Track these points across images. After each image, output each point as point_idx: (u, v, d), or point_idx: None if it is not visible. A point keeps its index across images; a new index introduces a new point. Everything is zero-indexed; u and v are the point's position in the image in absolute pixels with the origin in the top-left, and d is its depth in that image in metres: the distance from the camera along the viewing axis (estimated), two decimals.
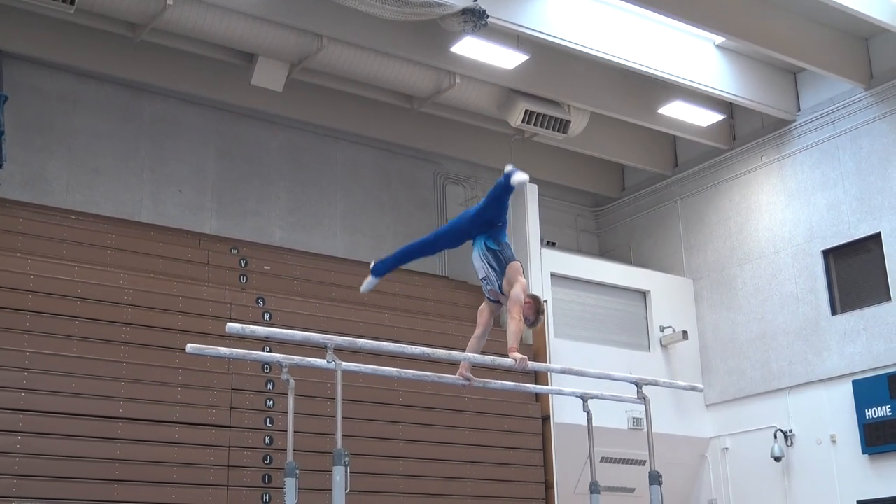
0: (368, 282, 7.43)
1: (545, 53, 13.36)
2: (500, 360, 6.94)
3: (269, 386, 11.12)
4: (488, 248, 6.97)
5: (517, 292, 6.76)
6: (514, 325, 6.70)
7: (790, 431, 14.10)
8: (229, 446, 10.65)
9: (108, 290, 10.64)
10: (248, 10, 11.68)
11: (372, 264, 7.46)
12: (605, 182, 17.14)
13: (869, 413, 13.10)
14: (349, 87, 13.42)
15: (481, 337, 7.11)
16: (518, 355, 6.69)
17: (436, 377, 7.35)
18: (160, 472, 10.12)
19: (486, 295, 7.10)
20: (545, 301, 13.86)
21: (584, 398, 7.69)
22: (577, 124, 14.25)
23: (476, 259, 7.03)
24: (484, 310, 7.13)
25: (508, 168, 7.20)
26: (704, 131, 15.11)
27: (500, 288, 6.90)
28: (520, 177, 7.05)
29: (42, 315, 10.13)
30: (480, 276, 7.07)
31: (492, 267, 6.94)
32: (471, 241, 7.18)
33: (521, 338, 13.69)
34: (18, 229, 10.92)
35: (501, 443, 12.73)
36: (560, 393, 8.51)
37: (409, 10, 11.12)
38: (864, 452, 13.15)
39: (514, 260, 6.96)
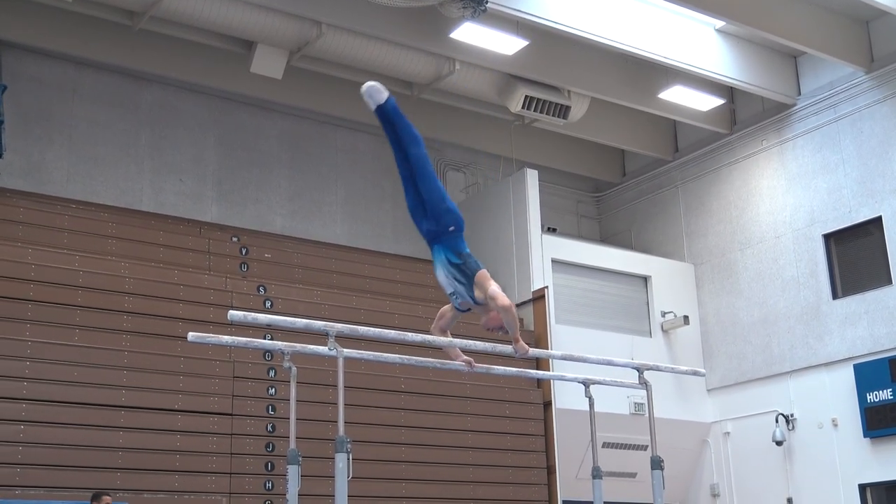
0: (377, 90, 6.77)
1: (545, 39, 13.33)
2: (500, 346, 6.92)
3: (271, 373, 11.14)
4: (451, 263, 6.30)
5: (494, 290, 6.19)
6: (509, 315, 6.18)
7: (792, 415, 14.12)
8: (232, 434, 10.67)
9: (109, 278, 10.65)
10: None
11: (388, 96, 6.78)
12: (605, 167, 17.12)
13: (870, 397, 13.11)
14: (348, 74, 13.38)
15: (443, 333, 6.66)
16: (523, 346, 6.49)
17: (437, 363, 7.33)
18: (163, 460, 10.15)
19: (457, 307, 6.50)
20: (543, 292, 13.84)
21: (585, 384, 7.68)
22: (578, 110, 14.23)
23: (440, 276, 6.37)
24: (446, 312, 6.61)
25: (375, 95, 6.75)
26: (705, 116, 15.09)
27: (473, 298, 6.28)
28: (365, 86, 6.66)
29: (43, 304, 10.14)
30: (448, 292, 6.43)
31: (459, 281, 6.29)
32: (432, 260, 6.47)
33: (524, 324, 13.74)
34: (19, 219, 10.93)
35: (503, 429, 12.75)
36: (561, 379, 8.50)
37: None
38: (865, 436, 13.16)
39: (480, 269, 6.30)
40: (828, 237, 14.11)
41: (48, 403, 9.70)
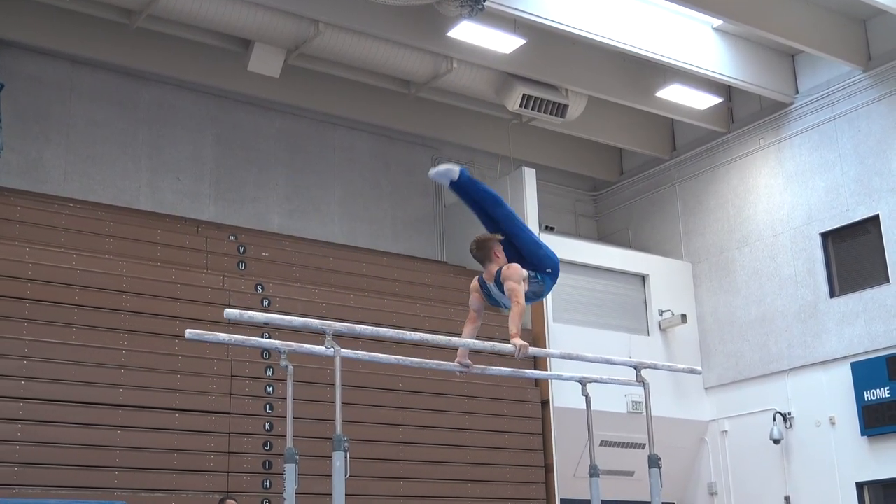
0: (446, 170, 6.81)
1: (542, 37, 13.33)
2: (499, 345, 6.91)
3: (269, 372, 11.14)
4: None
5: (511, 285, 6.67)
6: (518, 309, 6.59)
7: (789, 414, 14.13)
8: (229, 433, 10.67)
9: (106, 277, 10.63)
10: None
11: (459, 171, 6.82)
12: (603, 166, 17.12)
13: (868, 395, 13.12)
14: (346, 73, 13.40)
15: (476, 320, 7.04)
16: (519, 342, 6.59)
17: (434, 364, 7.33)
18: (160, 458, 10.14)
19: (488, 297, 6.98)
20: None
21: (583, 382, 7.68)
22: (575, 108, 14.23)
23: (496, 292, 6.88)
24: (475, 289, 7.01)
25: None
26: (702, 114, 15.09)
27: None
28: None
29: (41, 303, 10.12)
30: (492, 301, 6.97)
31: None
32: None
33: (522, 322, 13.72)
34: (16, 217, 10.90)
35: (501, 427, 12.75)
36: (559, 377, 8.49)
37: None
38: (862, 434, 13.17)
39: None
40: (825, 236, 14.13)
41: (46, 402, 9.69)
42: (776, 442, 14.05)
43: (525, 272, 6.81)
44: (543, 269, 6.98)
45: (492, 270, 6.84)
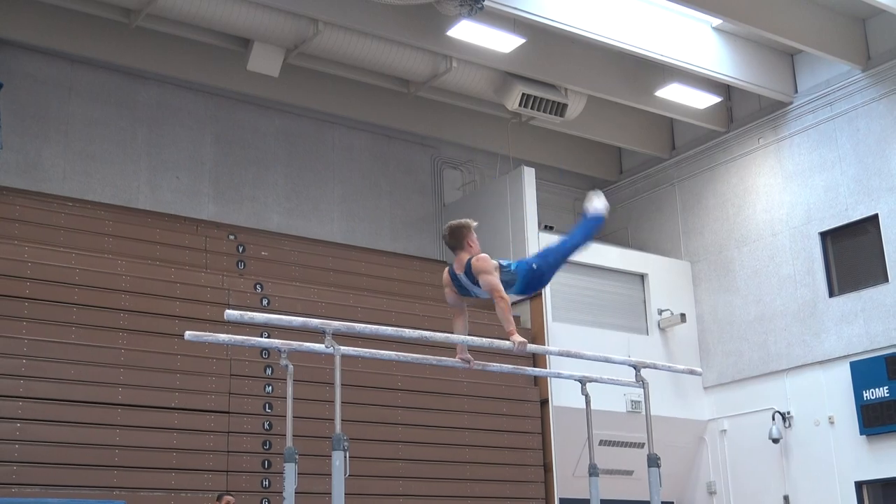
0: (604, 207, 7.17)
1: (542, 37, 13.33)
2: (497, 342, 6.91)
3: (268, 371, 11.13)
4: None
5: (487, 278, 6.53)
6: (504, 304, 6.49)
7: (788, 413, 14.13)
8: (228, 432, 10.67)
9: (105, 276, 10.63)
10: None
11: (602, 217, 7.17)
12: (602, 165, 17.12)
13: (867, 394, 13.12)
14: (345, 72, 13.39)
15: (461, 313, 6.91)
16: (517, 338, 6.62)
17: (434, 360, 7.32)
18: (159, 457, 10.14)
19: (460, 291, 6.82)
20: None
21: (582, 381, 7.68)
22: (575, 108, 14.23)
23: (468, 284, 6.66)
24: (447, 283, 6.84)
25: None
26: (702, 114, 15.09)
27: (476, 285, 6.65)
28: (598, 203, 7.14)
29: (40, 302, 10.12)
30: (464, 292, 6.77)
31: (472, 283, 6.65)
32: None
33: (520, 321, 13.73)
34: (15, 216, 10.91)
35: (500, 426, 12.75)
36: (558, 376, 8.48)
37: None
38: (861, 433, 13.17)
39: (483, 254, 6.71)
40: (824, 235, 14.13)
41: (45, 401, 9.68)
42: (775, 441, 14.05)
43: (495, 262, 6.67)
44: (531, 262, 6.85)
45: (462, 259, 6.69)
